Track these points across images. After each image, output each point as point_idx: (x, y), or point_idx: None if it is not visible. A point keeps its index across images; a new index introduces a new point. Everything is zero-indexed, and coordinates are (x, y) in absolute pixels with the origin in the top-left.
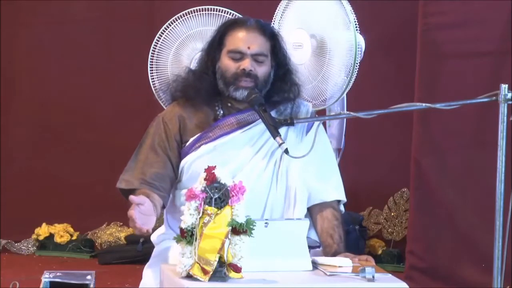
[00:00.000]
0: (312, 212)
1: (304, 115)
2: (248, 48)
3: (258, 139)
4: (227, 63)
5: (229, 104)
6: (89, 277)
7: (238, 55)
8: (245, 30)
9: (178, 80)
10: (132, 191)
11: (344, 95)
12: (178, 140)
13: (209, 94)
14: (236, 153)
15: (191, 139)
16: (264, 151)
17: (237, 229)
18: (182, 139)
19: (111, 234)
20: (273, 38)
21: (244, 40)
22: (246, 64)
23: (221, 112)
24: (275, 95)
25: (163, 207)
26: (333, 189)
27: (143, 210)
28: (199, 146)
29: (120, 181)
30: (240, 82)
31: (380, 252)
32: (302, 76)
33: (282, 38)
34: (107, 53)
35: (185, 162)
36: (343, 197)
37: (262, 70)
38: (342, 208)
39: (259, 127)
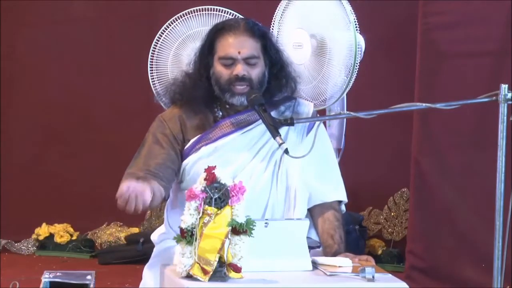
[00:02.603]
0: (313, 213)
1: (305, 115)
2: (239, 53)
3: (258, 140)
4: (219, 70)
5: (227, 106)
6: (89, 277)
7: (230, 61)
8: (233, 35)
9: (176, 84)
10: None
11: (344, 95)
12: (180, 139)
13: (206, 100)
14: (236, 154)
15: (191, 141)
16: (264, 152)
17: (237, 229)
18: (184, 139)
19: (111, 234)
20: (263, 38)
21: (234, 45)
22: (239, 69)
23: (220, 113)
24: (273, 93)
25: (165, 199)
26: (333, 189)
27: (134, 187)
28: (199, 148)
29: (125, 175)
30: (235, 88)
31: (380, 252)
32: (301, 75)
33: (272, 36)
34: (107, 53)
35: (186, 164)
36: (344, 198)
37: (256, 72)
38: (343, 207)
39: (259, 128)
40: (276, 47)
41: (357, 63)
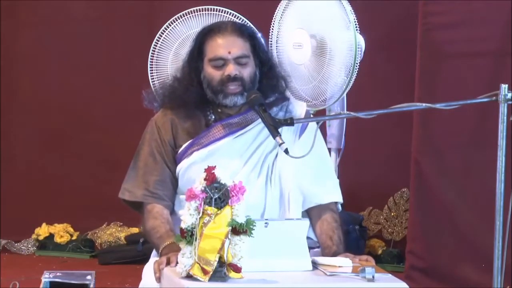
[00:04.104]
0: (311, 215)
1: (297, 116)
2: (229, 53)
3: (251, 144)
4: (210, 72)
5: (219, 110)
6: (89, 277)
7: (221, 62)
8: (222, 36)
9: (164, 88)
10: (136, 202)
11: (344, 95)
12: (172, 145)
13: (198, 105)
14: (229, 159)
15: (183, 146)
16: (257, 156)
17: (237, 229)
18: (176, 144)
19: (111, 234)
20: (252, 38)
21: (223, 45)
22: (231, 69)
23: (213, 117)
24: (265, 94)
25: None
26: (328, 191)
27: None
28: (191, 153)
29: (122, 191)
30: (228, 89)
31: (380, 252)
32: (296, 75)
33: (260, 36)
34: (107, 53)
35: (179, 169)
36: (338, 199)
37: (247, 71)
38: (339, 206)
39: (252, 131)
40: (264, 47)
41: (357, 63)
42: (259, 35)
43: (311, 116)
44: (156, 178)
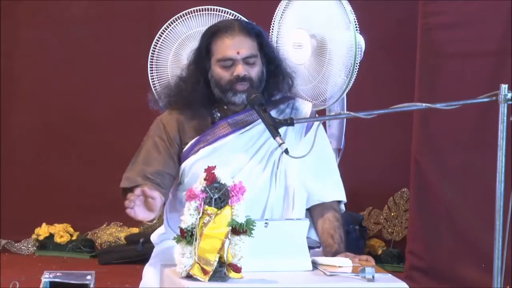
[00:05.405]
0: (313, 213)
1: (304, 114)
2: (238, 53)
3: (257, 140)
4: (219, 72)
5: (225, 107)
6: (89, 277)
7: (229, 62)
8: (230, 36)
9: (169, 88)
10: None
11: (344, 95)
12: (178, 142)
13: (204, 103)
14: (234, 155)
15: (190, 143)
16: (262, 152)
17: (237, 229)
18: (182, 141)
19: (111, 234)
20: (259, 36)
21: (232, 46)
22: (240, 70)
23: (218, 115)
24: (272, 91)
25: (163, 204)
26: (331, 189)
27: (150, 203)
28: (198, 150)
29: (123, 180)
30: (236, 87)
31: (380, 252)
32: (298, 72)
33: (266, 34)
34: (107, 53)
35: (185, 166)
36: (342, 197)
37: (255, 71)
38: (342, 207)
39: (257, 128)
40: (270, 45)
41: (357, 63)
42: (265, 33)
43: (316, 115)
44: (156, 168)
